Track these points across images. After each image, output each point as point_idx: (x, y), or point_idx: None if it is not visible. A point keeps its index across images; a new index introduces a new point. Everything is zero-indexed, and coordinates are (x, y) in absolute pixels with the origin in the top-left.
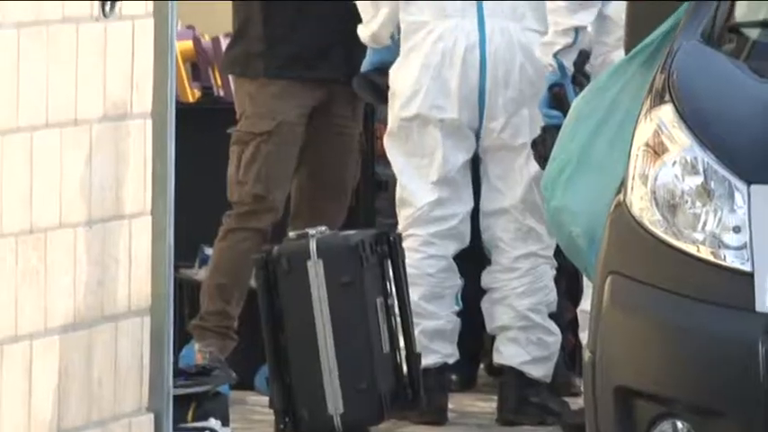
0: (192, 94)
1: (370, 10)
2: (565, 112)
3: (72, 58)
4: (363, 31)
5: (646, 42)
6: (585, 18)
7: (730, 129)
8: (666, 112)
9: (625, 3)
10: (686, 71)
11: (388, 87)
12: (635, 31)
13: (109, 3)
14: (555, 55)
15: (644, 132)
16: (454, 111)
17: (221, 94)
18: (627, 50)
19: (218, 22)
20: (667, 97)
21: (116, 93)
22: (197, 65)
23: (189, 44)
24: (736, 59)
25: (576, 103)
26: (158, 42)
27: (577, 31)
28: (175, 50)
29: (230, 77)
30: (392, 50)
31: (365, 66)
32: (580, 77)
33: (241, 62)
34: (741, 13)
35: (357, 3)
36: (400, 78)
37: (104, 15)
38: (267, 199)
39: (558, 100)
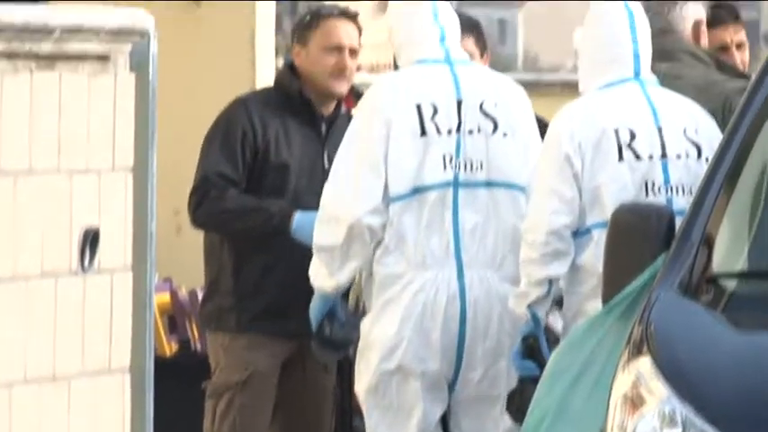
0: (170, 348)
1: (336, 262)
2: (539, 363)
3: (50, 313)
4: (326, 282)
5: (623, 294)
6: (559, 269)
7: (708, 381)
8: (644, 363)
9: (602, 253)
10: (664, 323)
11: (345, 340)
12: (612, 282)
13: (87, 256)
14: (529, 306)
15: (622, 384)
16: (435, 362)
17: (198, 347)
18: (604, 302)
19: (195, 275)
20: (645, 349)
21: (94, 347)
22: (174, 318)
23: (166, 297)
24: (713, 311)
25: (553, 357)
26: (137, 296)
27: (551, 281)
28: (153, 304)
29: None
30: (338, 294)
31: (315, 317)
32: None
33: (214, 317)
34: (718, 262)
35: (317, 254)
36: (377, 331)
37: (83, 269)
38: None
39: (531, 351)
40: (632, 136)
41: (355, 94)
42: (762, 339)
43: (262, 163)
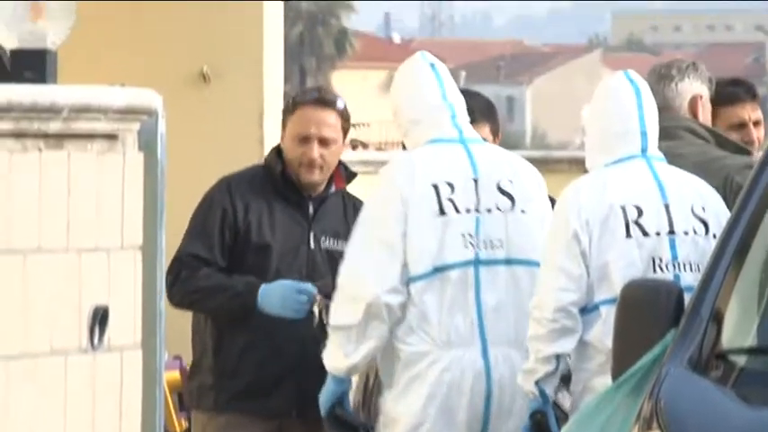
0: (180, 425)
1: (352, 342)
2: None
3: (60, 391)
4: (341, 363)
5: (633, 370)
6: (566, 345)
7: None
8: None
9: (610, 329)
10: (673, 399)
11: (358, 421)
12: (622, 358)
13: (97, 334)
14: (536, 382)
15: None
16: None
17: None
18: (614, 377)
19: None
20: (655, 425)
21: (105, 424)
22: (183, 395)
23: (176, 374)
24: (723, 387)
25: None
26: (147, 373)
27: (558, 358)
28: (163, 381)
29: None
30: (350, 379)
31: (327, 400)
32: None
33: (195, 395)
34: (727, 338)
35: (333, 335)
36: (402, 407)
37: (92, 347)
38: None
39: (539, 427)
40: (639, 212)
41: (347, 173)
42: None
43: (243, 243)
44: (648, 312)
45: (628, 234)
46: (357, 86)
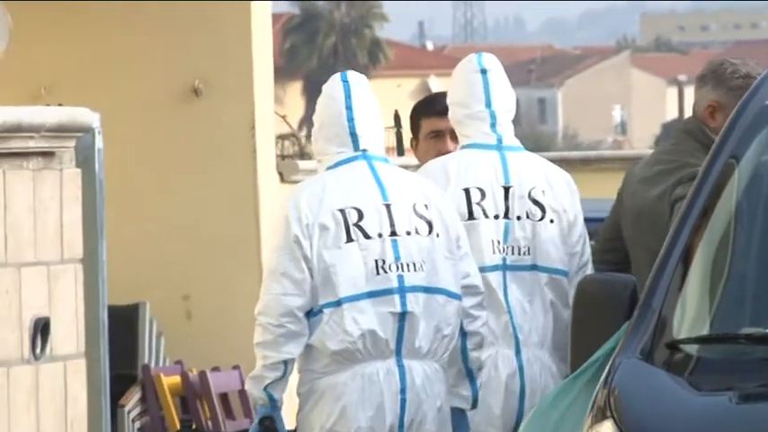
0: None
1: None
2: None
3: (4, 401)
4: None
5: (590, 361)
6: (294, 350)
7: None
8: (607, 427)
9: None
10: (626, 388)
11: None
12: (579, 351)
13: (39, 344)
14: (265, 388)
15: None
16: None
17: (210, 425)
18: (572, 369)
19: (204, 358)
20: (608, 413)
21: None
22: (185, 398)
23: (177, 379)
24: (674, 375)
25: (524, 425)
26: (91, 381)
27: (286, 363)
28: (108, 389)
29: None
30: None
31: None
32: None
33: None
34: (678, 328)
35: None
36: None
37: (35, 357)
38: None
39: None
40: (360, 215)
41: None
42: (720, 401)
43: None
44: (604, 305)
45: (349, 238)
46: (391, 93)
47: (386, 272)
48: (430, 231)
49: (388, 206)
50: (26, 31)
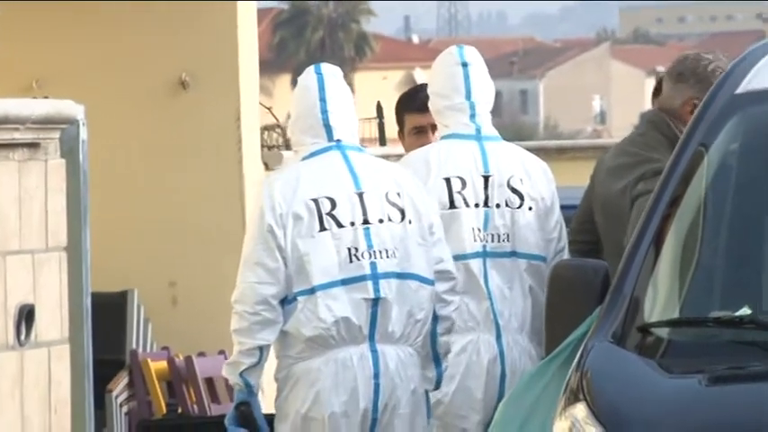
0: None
1: None
2: (251, 430)
3: None
4: None
5: (564, 345)
6: (269, 336)
7: (641, 424)
8: (580, 409)
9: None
10: (598, 371)
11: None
12: (553, 335)
13: (24, 331)
14: (241, 374)
15: (560, 430)
16: (478, 416)
17: (195, 409)
18: (546, 353)
19: (190, 343)
20: (581, 396)
21: (35, 418)
22: (172, 383)
23: (164, 364)
24: (645, 358)
25: (500, 407)
26: (75, 366)
27: (262, 349)
28: (91, 374)
29: None
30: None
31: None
32: None
33: None
34: (649, 312)
35: None
36: None
37: (20, 344)
38: None
39: (245, 418)
40: (333, 204)
41: None
42: (690, 383)
43: None
44: (577, 290)
45: (322, 227)
46: (377, 85)
47: (359, 259)
48: (402, 218)
49: (360, 195)
50: (17, 26)
